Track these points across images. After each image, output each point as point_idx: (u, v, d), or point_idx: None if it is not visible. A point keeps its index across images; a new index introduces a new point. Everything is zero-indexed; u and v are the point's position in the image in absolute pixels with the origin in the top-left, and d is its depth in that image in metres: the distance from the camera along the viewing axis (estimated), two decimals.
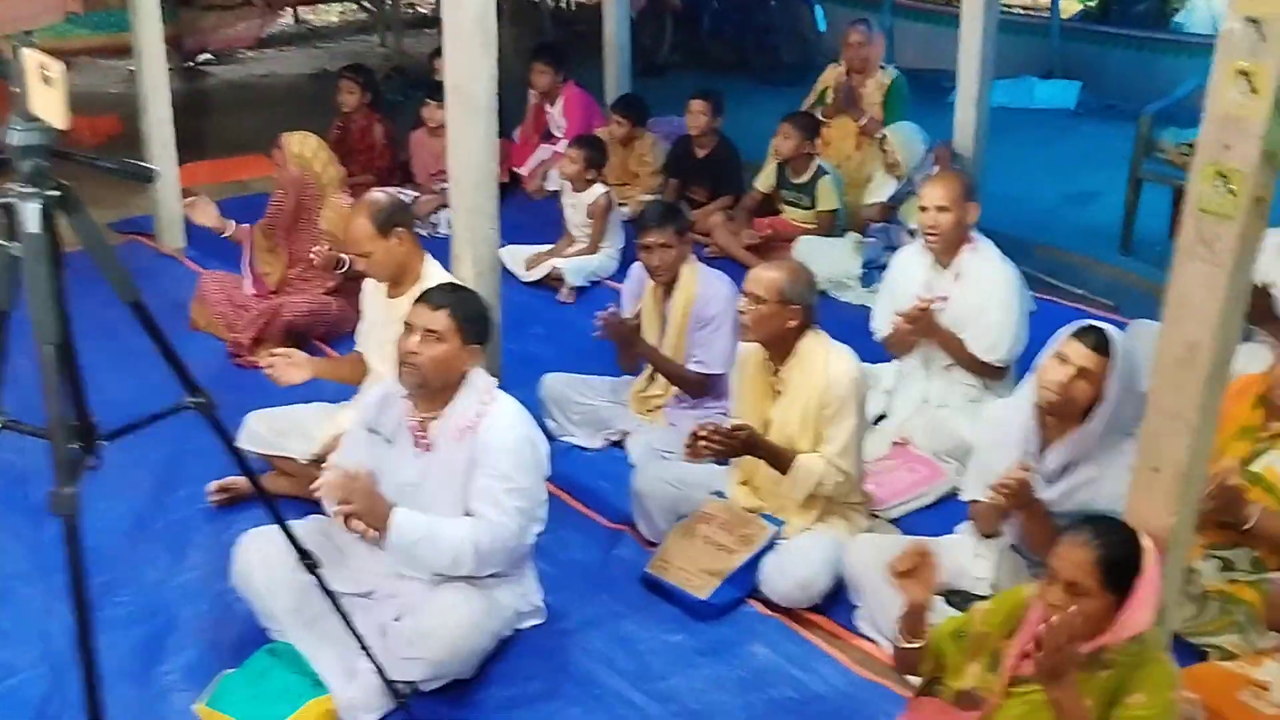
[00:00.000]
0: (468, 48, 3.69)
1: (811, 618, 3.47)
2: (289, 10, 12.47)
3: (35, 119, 2.01)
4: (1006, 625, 2.65)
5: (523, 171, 7.33)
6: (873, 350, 4.54)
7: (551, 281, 5.84)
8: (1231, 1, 2.13)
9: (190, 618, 3.46)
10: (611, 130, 6.85)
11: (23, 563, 3.70)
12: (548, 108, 7.38)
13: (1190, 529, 2.58)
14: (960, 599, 3.31)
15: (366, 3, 12.80)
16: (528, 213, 6.88)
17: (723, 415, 4.02)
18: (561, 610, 3.46)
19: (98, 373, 2.87)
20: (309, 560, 2.39)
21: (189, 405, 2.12)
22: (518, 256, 5.99)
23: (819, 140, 6.23)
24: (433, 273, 3.92)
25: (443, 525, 3.08)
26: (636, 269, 4.49)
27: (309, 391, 4.59)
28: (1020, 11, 11.50)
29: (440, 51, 7.57)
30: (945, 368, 4.36)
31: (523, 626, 3.35)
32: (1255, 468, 3.30)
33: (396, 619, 3.12)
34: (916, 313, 4.20)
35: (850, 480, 3.58)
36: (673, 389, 4.36)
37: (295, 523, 3.25)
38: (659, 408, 4.38)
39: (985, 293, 4.30)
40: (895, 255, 4.76)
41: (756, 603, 3.51)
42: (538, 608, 3.38)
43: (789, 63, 10.34)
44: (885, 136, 5.89)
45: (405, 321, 3.13)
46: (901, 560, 2.75)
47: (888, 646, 3.15)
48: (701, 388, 4.25)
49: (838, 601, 3.50)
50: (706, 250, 6.18)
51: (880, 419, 4.39)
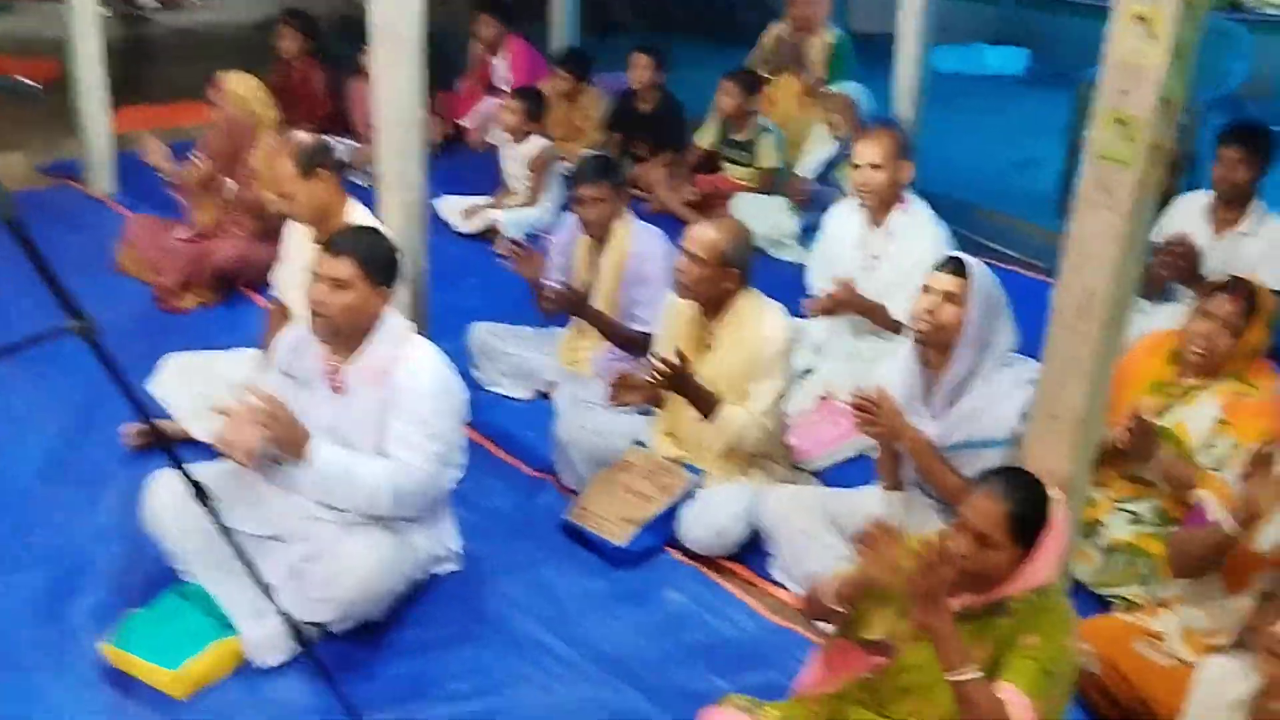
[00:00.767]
0: None
1: (728, 565, 3.50)
2: None
3: None
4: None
5: (466, 124, 7.25)
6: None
7: (488, 234, 5.80)
8: None
9: (101, 559, 3.42)
10: (555, 84, 6.79)
11: None
12: (492, 60, 7.31)
13: (1087, 476, 2.61)
14: None
15: None
16: (469, 165, 6.82)
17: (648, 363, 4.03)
18: (480, 557, 3.45)
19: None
20: (204, 496, 2.35)
21: (70, 329, 2.05)
22: (455, 208, 5.94)
23: (762, 98, 6.21)
24: (356, 216, 3.87)
25: (360, 463, 3.05)
26: (569, 220, 4.46)
27: (234, 336, 4.56)
28: None
29: None
30: (872, 327, 4.39)
31: (439, 571, 3.34)
32: (1165, 422, 3.35)
33: (306, 561, 3.09)
34: (836, 294, 4.25)
35: (771, 437, 3.59)
36: (602, 341, 4.34)
37: (207, 464, 3.25)
38: (587, 358, 4.36)
39: (917, 255, 4.31)
40: (828, 213, 4.76)
41: (674, 550, 3.53)
42: (454, 553, 3.37)
43: (744, 23, 10.27)
44: (831, 94, 5.86)
45: (311, 270, 3.09)
46: (871, 534, 2.66)
47: (800, 593, 3.17)
48: (639, 345, 4.23)
49: (754, 550, 3.52)
50: (647, 205, 6.17)
51: (807, 373, 4.41)
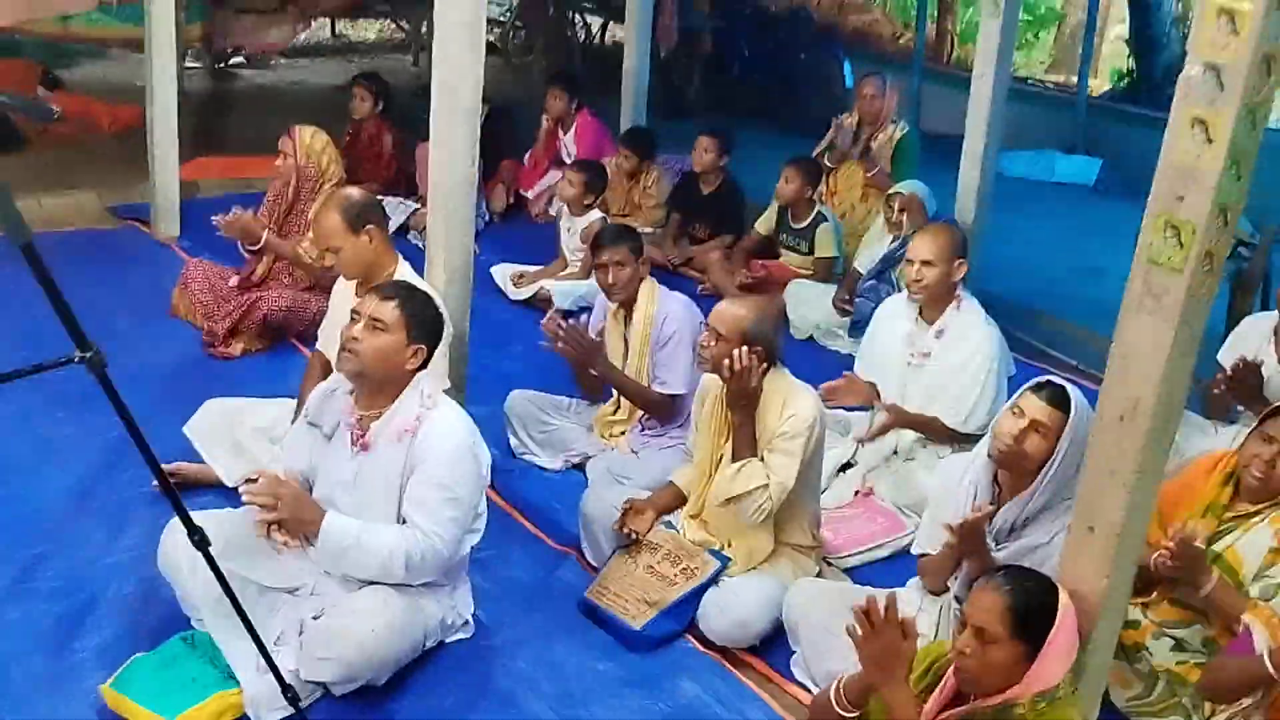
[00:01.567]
0: (457, 47, 3.67)
1: (747, 658, 3.37)
2: (326, 22, 12.60)
3: None
4: (927, 679, 2.56)
5: (530, 194, 7.32)
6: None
7: (539, 302, 5.79)
8: (1193, 46, 2.07)
9: (114, 598, 3.39)
10: (619, 162, 6.83)
11: None
12: (560, 134, 7.38)
13: (1126, 593, 2.48)
14: None
15: (402, 22, 12.91)
16: (529, 235, 6.87)
17: (683, 445, 3.96)
18: (492, 626, 3.37)
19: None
20: (197, 538, 2.31)
21: (78, 360, 2.04)
22: (508, 274, 5.96)
23: (824, 188, 6.19)
24: (405, 274, 3.87)
25: (374, 533, 3.00)
26: (602, 301, 4.45)
27: (277, 384, 4.57)
28: (1050, 86, 11.49)
29: None
30: None
31: (448, 639, 3.26)
32: (1217, 547, 3.20)
33: (316, 617, 3.04)
34: (885, 426, 4.17)
35: (769, 512, 3.43)
36: (637, 414, 4.29)
37: (229, 511, 3.23)
38: (623, 433, 4.31)
39: (965, 354, 4.24)
40: (881, 305, 4.69)
41: (693, 638, 3.41)
42: (466, 621, 3.30)
43: (814, 114, 10.33)
44: (896, 191, 5.79)
45: (352, 310, 3.08)
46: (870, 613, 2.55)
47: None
48: (665, 409, 4.18)
49: (776, 644, 3.39)
50: (701, 288, 6.14)
51: (847, 466, 4.31)
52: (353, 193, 3.95)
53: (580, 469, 4.28)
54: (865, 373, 4.48)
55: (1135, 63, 10.86)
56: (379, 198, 6.63)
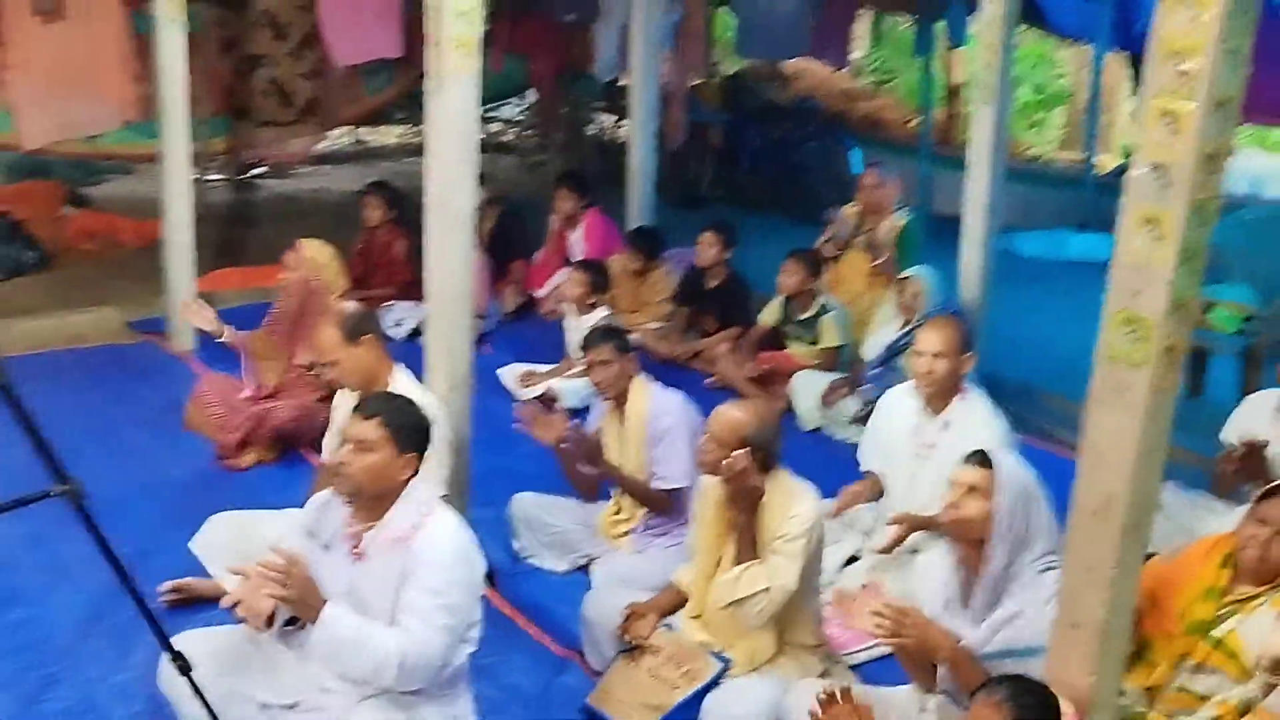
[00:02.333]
0: (449, 161, 3.78)
1: None
2: (348, 129, 12.91)
3: None
4: None
5: (540, 293, 7.42)
6: None
7: (547, 402, 5.84)
8: (1138, 148, 2.11)
9: (122, 718, 3.41)
10: (624, 263, 6.94)
11: None
12: (569, 233, 7.51)
13: (1113, 689, 2.45)
14: None
15: (419, 127, 13.21)
16: (539, 334, 6.96)
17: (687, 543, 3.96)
18: None
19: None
20: (180, 662, 2.34)
21: (56, 493, 2.09)
22: (516, 374, 6.02)
23: (829, 277, 6.25)
24: (401, 381, 3.94)
25: (371, 631, 3.01)
26: (599, 402, 4.50)
27: (288, 495, 4.61)
28: (1061, 165, 11.57)
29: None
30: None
31: None
32: (1218, 632, 3.15)
33: None
34: (901, 536, 4.13)
35: (771, 615, 3.44)
36: (640, 514, 4.30)
37: (226, 628, 3.25)
38: (627, 533, 4.32)
39: (972, 445, 4.20)
40: (885, 394, 4.70)
41: None
42: None
43: (824, 202, 10.44)
44: (903, 279, 5.83)
45: (340, 432, 3.13)
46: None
47: None
48: (665, 504, 4.19)
49: None
50: (709, 381, 6.19)
51: (852, 560, 4.29)
52: (348, 306, 4.06)
53: (586, 571, 4.29)
54: (869, 463, 4.48)
55: None
56: (392, 303, 6.84)
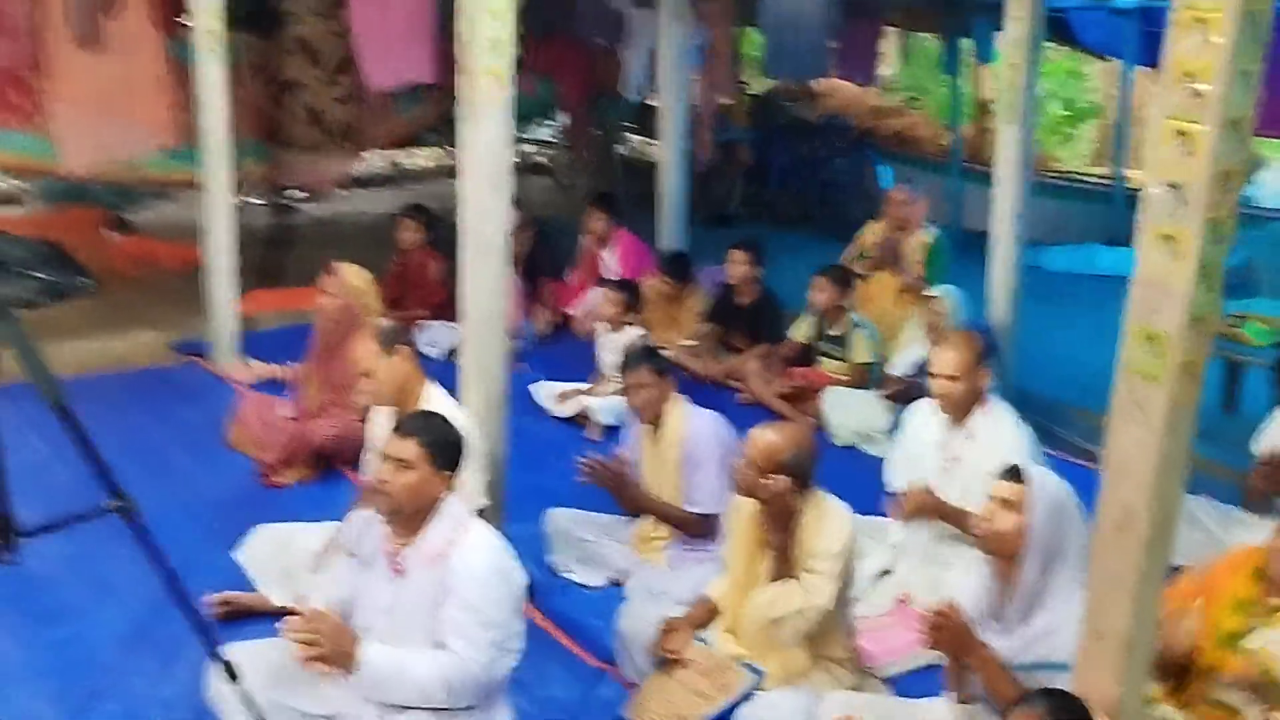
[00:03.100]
0: (483, 191, 3.87)
1: None
2: (382, 152, 13.09)
3: None
4: None
5: (574, 312, 7.51)
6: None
7: (580, 419, 5.92)
8: (1152, 166, 2.17)
9: None
10: (657, 286, 7.02)
11: (17, 665, 3.79)
12: (601, 253, 7.60)
13: (1139, 700, 2.49)
14: None
15: (452, 149, 13.38)
16: (573, 353, 7.04)
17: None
18: None
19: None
20: (230, 672, 2.43)
21: (111, 509, 2.18)
22: (551, 392, 6.11)
23: (856, 294, 6.30)
24: (434, 396, 4.04)
25: (412, 661, 3.08)
26: (635, 418, 4.56)
27: (328, 512, 4.71)
28: (1090, 179, 11.56)
29: None
30: (952, 529, 4.30)
31: None
32: (1249, 644, 3.18)
33: None
34: (916, 499, 4.18)
35: (831, 639, 3.53)
36: (676, 531, 4.36)
37: (269, 641, 3.34)
38: (661, 549, 4.37)
39: (997, 455, 4.25)
40: (910, 410, 4.75)
41: None
42: None
43: (854, 219, 10.49)
44: (929, 297, 5.88)
45: (379, 450, 3.22)
46: None
47: None
48: (699, 528, 4.25)
49: None
50: (740, 397, 6.25)
51: (884, 574, 4.33)
52: (382, 321, 4.25)
53: (620, 585, 4.35)
54: (897, 477, 4.53)
55: None
56: (427, 324, 6.94)
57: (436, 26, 8.19)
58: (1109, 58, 12.08)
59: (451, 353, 6.73)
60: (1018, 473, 3.13)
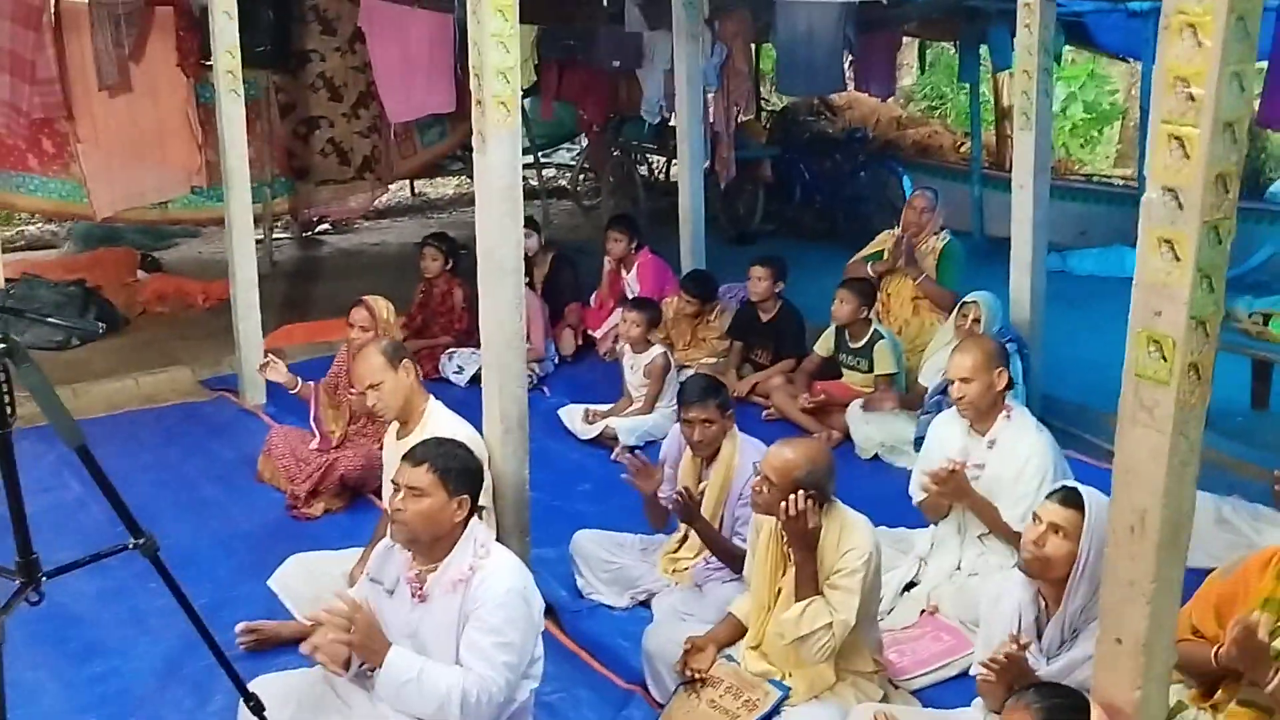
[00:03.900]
0: (496, 215, 3.91)
1: None
2: (405, 183, 13.23)
3: None
4: None
5: (597, 334, 7.54)
6: (916, 515, 4.53)
7: (606, 440, 5.95)
8: (1149, 171, 2.17)
9: None
10: (679, 306, 7.05)
11: (57, 701, 3.85)
12: (623, 274, 7.63)
13: (1161, 704, 2.48)
14: None
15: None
16: (597, 374, 7.08)
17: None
18: None
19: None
20: (253, 704, 2.46)
21: (132, 546, 2.23)
22: (576, 415, 6.14)
23: (877, 305, 6.30)
24: (436, 412, 4.17)
25: (434, 671, 3.11)
26: (676, 429, 4.56)
27: (356, 540, 4.76)
28: (1116, 182, 11.49)
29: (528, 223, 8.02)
30: (979, 536, 4.31)
31: None
32: (1278, 644, 3.14)
33: None
34: (944, 474, 4.16)
35: (857, 653, 3.53)
36: (702, 551, 4.36)
37: (303, 671, 3.38)
38: (687, 569, 4.38)
39: (1020, 462, 4.26)
40: (933, 421, 4.74)
41: None
42: None
43: (878, 230, 10.47)
44: (966, 303, 5.78)
45: (391, 480, 3.25)
46: None
47: None
48: (744, 563, 4.22)
49: None
50: (765, 413, 6.26)
51: (910, 585, 4.32)
52: (384, 339, 4.47)
53: (647, 605, 4.36)
54: (919, 496, 4.51)
55: None
56: (452, 351, 7.00)
57: (455, 57, 8.29)
58: (1128, 60, 12.02)
59: (475, 379, 6.79)
60: (1074, 497, 3.07)
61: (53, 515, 4.93)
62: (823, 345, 6.39)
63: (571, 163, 14.37)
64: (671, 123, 9.79)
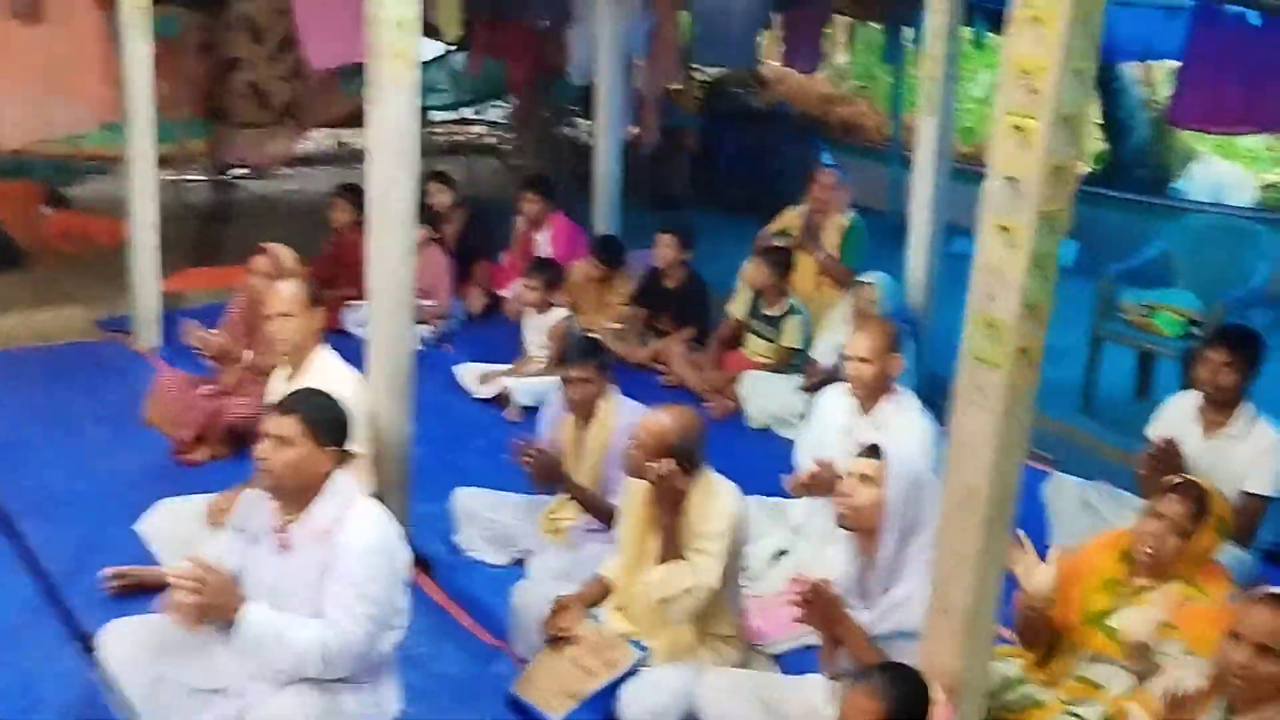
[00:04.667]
0: (387, 161, 3.90)
1: None
2: (328, 131, 13.02)
3: None
4: None
5: (505, 294, 7.53)
6: None
7: (501, 400, 5.96)
8: (991, 161, 2.24)
9: (56, 705, 3.48)
10: (586, 270, 7.05)
11: None
12: (535, 235, 7.62)
13: (983, 673, 2.58)
14: None
15: None
16: (501, 334, 7.05)
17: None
18: None
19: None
20: (89, 645, 2.46)
21: None
22: (474, 373, 6.14)
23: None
24: (327, 358, 4.22)
25: (291, 626, 3.11)
26: (557, 395, 4.59)
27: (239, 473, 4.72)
28: None
29: (437, 176, 7.91)
30: None
31: None
32: (1112, 622, 3.29)
33: (238, 717, 3.15)
34: (813, 479, 4.25)
35: (718, 617, 3.61)
36: (582, 514, 4.40)
37: (161, 615, 3.36)
38: (565, 528, 4.43)
39: (902, 445, 4.32)
40: (820, 395, 4.82)
41: None
42: (392, 718, 3.39)
43: (793, 199, 10.56)
44: (862, 284, 5.88)
45: (261, 428, 3.25)
46: None
47: None
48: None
49: None
50: (664, 379, 6.31)
51: (782, 554, 4.41)
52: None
53: (523, 564, 4.39)
54: (805, 459, 4.60)
55: (1109, 146, 11.08)
56: (357, 304, 6.93)
57: None
58: None
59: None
60: (876, 450, 3.24)
61: None
62: (737, 307, 6.38)
63: (499, 121, 14.24)
64: None
